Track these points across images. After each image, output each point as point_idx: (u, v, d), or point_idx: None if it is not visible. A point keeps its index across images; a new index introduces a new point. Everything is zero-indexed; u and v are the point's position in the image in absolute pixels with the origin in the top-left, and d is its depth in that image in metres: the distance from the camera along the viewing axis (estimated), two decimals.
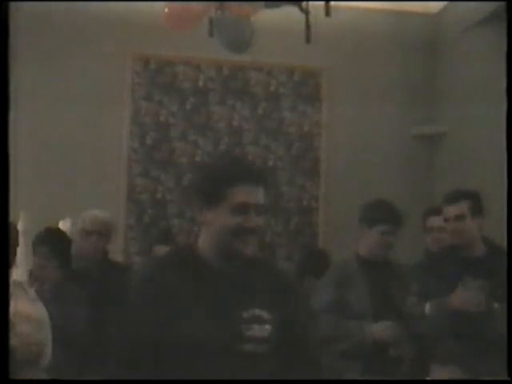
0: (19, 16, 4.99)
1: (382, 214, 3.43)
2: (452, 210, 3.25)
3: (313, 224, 5.65)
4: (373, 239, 3.43)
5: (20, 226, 3.69)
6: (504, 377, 2.43)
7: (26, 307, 2.51)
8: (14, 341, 2.31)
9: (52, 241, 3.69)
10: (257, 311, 1.97)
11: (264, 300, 2.01)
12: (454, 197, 3.28)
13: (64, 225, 4.69)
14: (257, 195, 2.00)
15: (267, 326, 1.97)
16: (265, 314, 1.98)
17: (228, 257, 2.01)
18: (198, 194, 2.07)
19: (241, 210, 1.97)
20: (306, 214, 5.63)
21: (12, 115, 5.01)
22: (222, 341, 1.93)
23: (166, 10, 3.89)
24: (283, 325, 2.00)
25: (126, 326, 2.00)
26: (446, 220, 3.30)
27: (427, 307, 3.14)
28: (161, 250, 4.22)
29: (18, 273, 3.53)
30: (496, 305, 3.03)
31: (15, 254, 2.88)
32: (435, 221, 3.87)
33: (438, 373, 2.70)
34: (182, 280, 1.98)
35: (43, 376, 2.45)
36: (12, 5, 2.26)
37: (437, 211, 3.94)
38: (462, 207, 3.23)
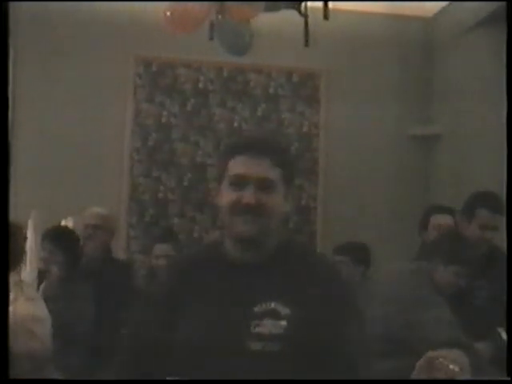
0: (19, 16, 5.01)
1: (460, 254, 3.14)
2: (492, 220, 3.18)
3: (311, 223, 5.71)
4: (445, 278, 3.12)
5: (30, 225, 3.73)
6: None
7: (27, 307, 2.53)
8: (31, 343, 2.36)
9: (58, 238, 3.74)
10: (272, 305, 1.69)
11: (287, 293, 1.71)
12: (495, 205, 3.17)
13: (67, 224, 4.73)
14: (260, 167, 1.75)
15: (282, 322, 1.67)
16: (282, 309, 1.68)
17: (234, 240, 1.79)
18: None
19: (239, 183, 1.75)
20: (305, 214, 5.69)
21: (17, 116, 5.09)
22: (225, 339, 1.70)
23: (168, 13, 3.93)
24: (306, 321, 1.68)
25: (142, 326, 1.84)
26: (481, 227, 3.20)
27: None
28: (161, 248, 4.30)
29: (27, 271, 3.56)
30: None
31: (23, 254, 2.93)
32: (440, 218, 3.87)
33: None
34: (204, 276, 1.80)
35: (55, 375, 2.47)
36: (12, 5, 2.29)
37: (439, 210, 3.98)
38: (501, 220, 3.14)
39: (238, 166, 1.77)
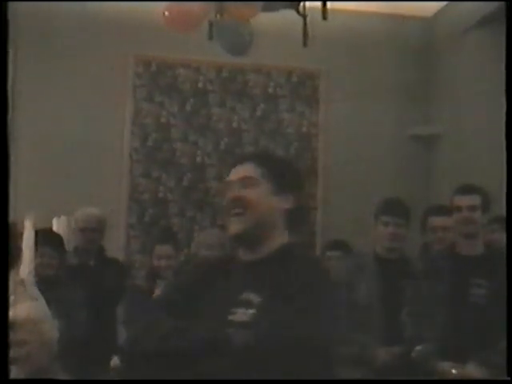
0: (19, 16, 5.01)
1: (386, 206, 3.56)
2: (465, 200, 3.27)
3: (310, 223, 5.67)
4: (378, 231, 3.51)
5: (27, 224, 3.73)
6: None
7: (28, 308, 2.53)
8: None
9: (47, 240, 3.75)
10: (247, 295, 1.75)
11: (265, 286, 1.76)
12: (468, 189, 3.32)
13: (58, 223, 4.70)
14: (243, 170, 1.93)
15: (251, 311, 1.72)
16: (254, 298, 1.73)
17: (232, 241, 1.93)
18: None
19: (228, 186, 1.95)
20: (304, 214, 5.68)
21: (16, 116, 5.07)
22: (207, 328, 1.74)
23: (166, 13, 3.92)
24: (271, 310, 1.71)
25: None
26: (457, 208, 3.28)
27: None
28: (162, 249, 4.27)
29: (24, 270, 3.56)
30: None
31: (19, 253, 2.93)
32: (440, 220, 3.82)
33: None
34: (214, 276, 1.92)
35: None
36: (12, 5, 2.29)
37: (440, 210, 3.92)
38: (476, 199, 3.25)
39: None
